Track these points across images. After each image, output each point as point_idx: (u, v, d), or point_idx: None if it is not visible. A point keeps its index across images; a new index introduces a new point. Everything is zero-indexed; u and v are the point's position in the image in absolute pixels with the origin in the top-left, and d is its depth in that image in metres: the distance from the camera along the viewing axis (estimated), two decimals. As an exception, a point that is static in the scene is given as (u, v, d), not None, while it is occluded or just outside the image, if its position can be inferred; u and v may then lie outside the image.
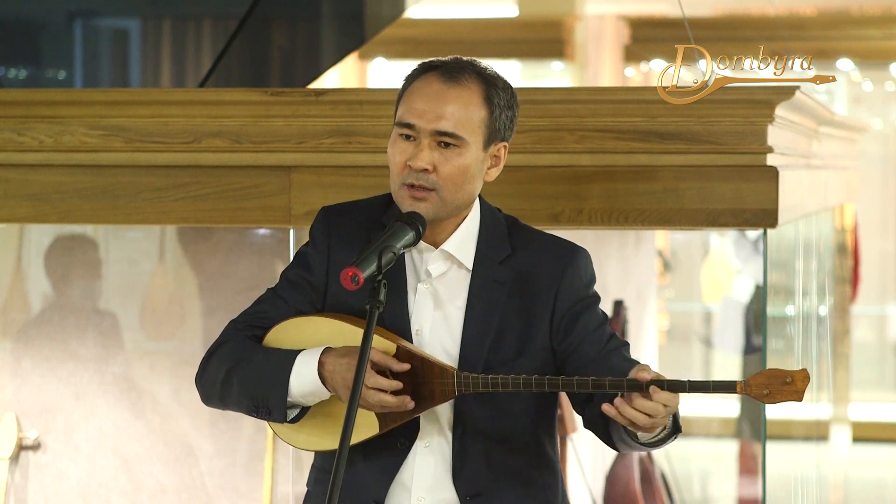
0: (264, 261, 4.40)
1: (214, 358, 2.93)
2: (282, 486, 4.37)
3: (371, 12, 6.40)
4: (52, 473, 4.47)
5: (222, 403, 2.94)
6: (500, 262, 2.90)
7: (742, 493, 7.83)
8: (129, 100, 3.84)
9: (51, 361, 4.48)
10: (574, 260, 2.92)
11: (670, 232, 9.94)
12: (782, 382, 2.62)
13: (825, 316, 6.36)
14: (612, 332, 2.93)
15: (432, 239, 2.90)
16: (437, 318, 2.89)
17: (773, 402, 2.62)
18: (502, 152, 2.91)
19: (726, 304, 8.73)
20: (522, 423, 2.91)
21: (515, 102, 2.92)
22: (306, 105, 3.72)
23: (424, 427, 2.88)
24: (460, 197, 2.85)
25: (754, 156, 3.59)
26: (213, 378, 2.92)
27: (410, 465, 2.89)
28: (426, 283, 2.90)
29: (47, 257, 4.50)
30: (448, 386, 2.80)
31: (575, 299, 2.90)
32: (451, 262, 2.91)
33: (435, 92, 2.84)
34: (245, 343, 2.93)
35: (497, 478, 2.88)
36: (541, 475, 2.94)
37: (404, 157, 2.83)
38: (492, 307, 2.88)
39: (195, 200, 3.79)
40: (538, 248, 2.93)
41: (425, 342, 2.88)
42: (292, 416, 2.88)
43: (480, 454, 2.88)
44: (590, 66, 10.84)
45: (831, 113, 5.05)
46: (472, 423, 2.87)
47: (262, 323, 2.95)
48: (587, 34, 10.81)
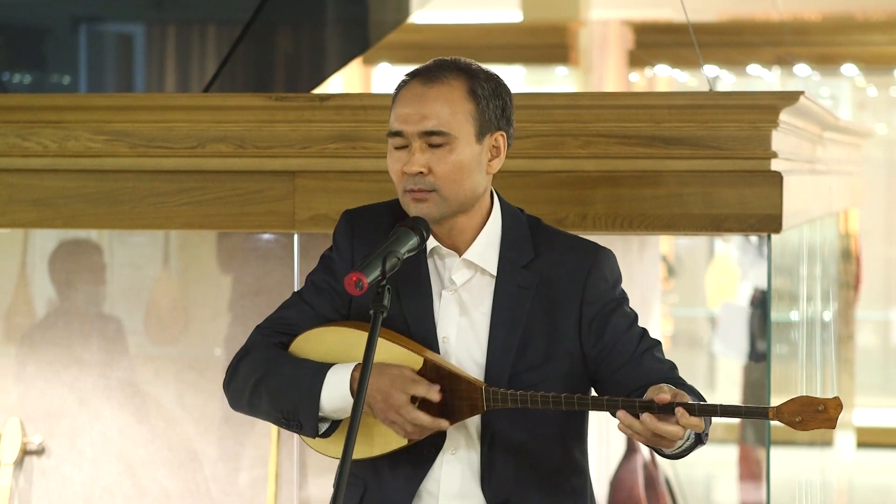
0: (268, 266, 4.40)
1: (242, 365, 2.93)
2: (286, 490, 4.37)
3: (375, 17, 6.40)
4: (56, 478, 4.48)
5: (251, 411, 2.95)
6: (524, 266, 2.88)
7: (746, 498, 7.82)
8: (133, 105, 3.84)
9: (55, 366, 4.48)
10: (597, 262, 2.89)
11: (674, 237, 9.93)
12: (815, 410, 2.61)
13: (829, 321, 6.36)
14: (643, 330, 2.90)
15: (454, 245, 2.89)
16: (463, 324, 2.88)
17: (806, 429, 2.61)
18: (500, 142, 2.88)
19: (726, 310, 8.72)
20: (551, 429, 2.89)
21: (504, 91, 2.89)
22: (310, 110, 3.73)
23: (451, 435, 2.87)
24: (463, 193, 2.84)
25: (758, 161, 3.59)
26: (241, 386, 2.92)
27: (437, 472, 2.88)
28: (451, 291, 2.89)
29: (52, 262, 4.51)
30: (476, 401, 2.79)
31: (602, 302, 2.88)
32: (474, 269, 2.89)
33: (417, 95, 2.83)
34: (273, 352, 2.92)
35: (525, 484, 2.87)
36: (569, 480, 2.92)
37: (400, 164, 2.83)
38: (517, 313, 2.86)
39: (199, 205, 3.80)
40: (561, 250, 2.91)
41: (452, 350, 2.88)
42: (324, 429, 2.88)
43: (509, 461, 2.87)
44: (594, 72, 10.84)
45: (835, 118, 5.04)
46: (500, 431, 2.86)
47: (288, 330, 2.95)
48: (592, 39, 10.81)
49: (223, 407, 4.41)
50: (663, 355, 2.90)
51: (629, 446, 5.74)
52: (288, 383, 2.86)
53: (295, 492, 4.36)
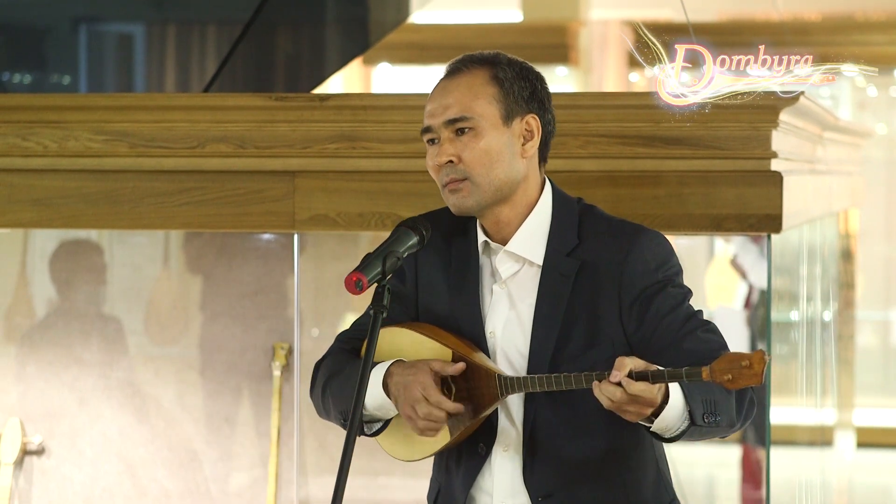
0: (268, 266, 4.40)
1: (318, 371, 2.99)
2: (286, 490, 4.37)
3: (375, 17, 6.40)
4: (56, 478, 4.48)
5: (326, 416, 2.99)
6: (568, 253, 2.87)
7: (746, 498, 7.82)
8: (133, 105, 3.84)
9: (55, 366, 4.48)
10: (636, 245, 2.85)
11: (675, 237, 9.92)
12: (741, 366, 2.60)
13: (829, 321, 6.36)
14: (692, 312, 2.85)
15: (500, 237, 2.90)
16: (511, 318, 2.89)
17: (736, 386, 2.58)
18: (533, 124, 2.88)
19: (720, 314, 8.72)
20: (596, 421, 2.84)
21: (532, 75, 2.91)
22: (310, 110, 3.73)
23: (502, 431, 2.89)
24: (497, 178, 2.83)
25: (758, 161, 3.59)
26: (316, 392, 2.98)
27: (489, 470, 2.90)
28: (500, 285, 2.90)
29: (52, 262, 4.51)
30: (492, 389, 2.80)
31: (642, 286, 2.83)
32: (520, 261, 2.89)
33: (440, 89, 2.87)
34: (342, 356, 2.97)
35: (569, 477, 2.86)
36: (619, 472, 2.88)
37: (432, 160, 2.85)
38: (558, 301, 2.85)
39: (199, 205, 3.80)
40: (604, 236, 2.88)
41: (498, 343, 2.88)
42: (375, 428, 2.91)
43: (551, 454, 2.86)
44: (594, 72, 10.84)
45: (836, 118, 5.04)
46: (542, 424, 2.86)
47: (362, 335, 2.96)
48: (591, 39, 10.81)
49: (223, 407, 4.42)
50: (712, 335, 2.83)
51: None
52: (344, 384, 2.89)
53: (295, 492, 4.36)
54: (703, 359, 2.66)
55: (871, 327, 11.54)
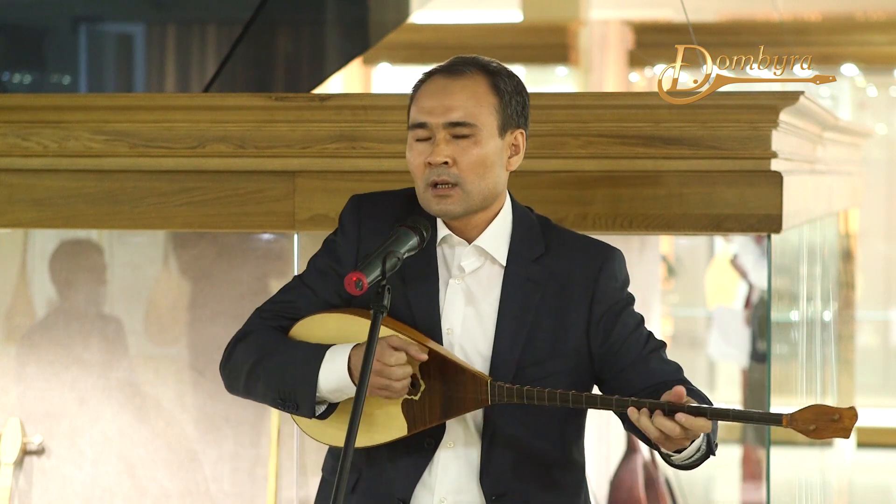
0: (268, 266, 4.40)
1: (240, 347, 2.93)
2: (286, 490, 4.37)
3: (375, 17, 6.40)
4: (57, 479, 4.48)
5: (246, 393, 2.94)
6: (534, 260, 2.89)
7: (746, 498, 7.82)
8: (133, 105, 3.84)
9: (55, 366, 4.48)
10: (609, 262, 2.91)
11: (675, 237, 9.93)
12: (829, 419, 2.61)
13: (829, 321, 6.36)
14: (649, 332, 2.93)
15: (465, 235, 2.89)
16: (469, 315, 2.88)
17: (820, 437, 2.61)
18: (520, 140, 2.90)
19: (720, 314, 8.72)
20: (551, 425, 2.90)
21: (524, 90, 2.92)
22: (311, 110, 3.73)
23: (450, 429, 2.88)
24: (485, 187, 2.84)
25: (758, 161, 3.59)
26: (238, 368, 2.92)
27: (435, 465, 2.89)
28: (458, 279, 2.89)
29: (52, 262, 4.51)
30: (481, 394, 2.79)
31: (612, 302, 2.90)
32: (484, 257, 2.90)
33: (441, 87, 2.85)
34: (272, 334, 2.92)
35: (523, 478, 2.88)
36: (564, 476, 2.93)
37: (423, 157, 2.83)
38: (526, 306, 2.86)
39: (199, 205, 3.80)
40: (572, 248, 2.92)
41: (456, 341, 2.87)
42: (320, 411, 2.87)
43: (508, 455, 2.87)
44: (594, 72, 10.84)
45: (835, 118, 5.04)
46: (501, 425, 2.87)
47: (289, 314, 2.95)
48: (592, 39, 10.81)
49: (223, 407, 4.41)
50: (667, 357, 2.91)
51: (629, 446, 5.74)
52: (286, 364, 2.86)
53: (295, 492, 4.36)
54: (669, 379, 2.81)
55: (871, 327, 11.54)
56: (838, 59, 10.28)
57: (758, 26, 10.75)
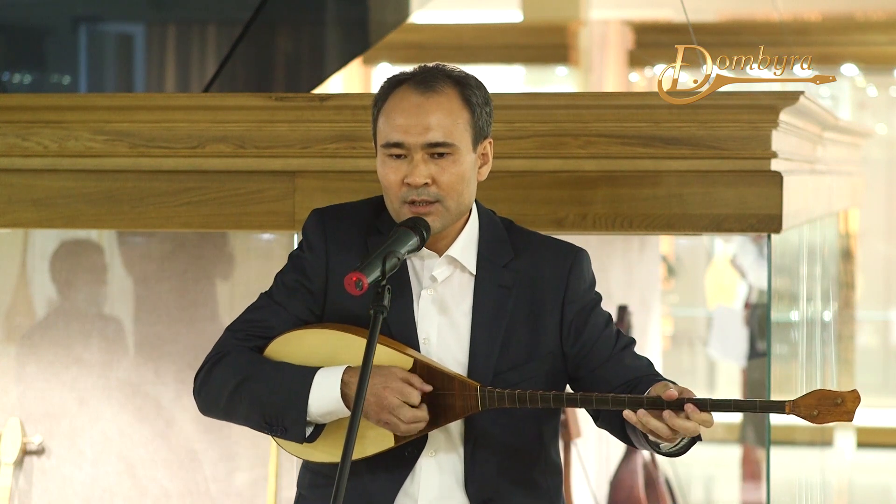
0: (269, 266, 4.40)
1: (218, 369, 2.88)
2: (285, 490, 4.37)
3: (375, 17, 6.40)
4: (57, 479, 4.48)
5: (226, 416, 2.90)
6: (504, 265, 2.89)
7: (746, 498, 7.82)
8: (133, 105, 3.84)
9: (55, 366, 4.48)
10: (577, 263, 2.93)
11: (674, 237, 9.93)
12: (832, 403, 2.62)
13: (829, 321, 6.36)
14: (618, 329, 2.95)
15: (435, 246, 2.89)
16: (444, 324, 2.88)
17: (823, 422, 2.62)
18: (488, 149, 2.90)
19: (720, 313, 8.72)
20: (531, 429, 2.91)
21: (489, 98, 2.91)
22: (311, 110, 3.73)
23: (431, 437, 2.87)
24: (463, 203, 2.85)
25: (758, 161, 3.59)
26: (217, 391, 2.88)
27: (417, 475, 2.87)
28: (430, 290, 2.88)
29: (52, 262, 4.51)
30: (471, 401, 2.78)
31: (583, 302, 2.91)
32: (454, 266, 2.90)
33: (415, 105, 2.81)
34: (250, 355, 2.89)
35: (506, 483, 2.88)
36: (545, 479, 2.94)
37: (399, 175, 2.81)
38: (499, 312, 2.87)
39: (199, 205, 3.80)
40: (540, 251, 2.93)
41: (433, 350, 2.87)
42: (308, 433, 2.85)
43: (491, 461, 2.87)
44: (594, 72, 10.84)
45: (835, 118, 5.04)
46: (483, 432, 2.86)
47: (262, 332, 2.91)
48: (592, 39, 10.81)
49: (223, 407, 4.41)
50: (637, 353, 2.94)
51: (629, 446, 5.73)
52: (272, 388, 2.82)
53: (294, 492, 4.36)
54: (644, 374, 2.84)
55: (871, 327, 11.54)
56: (838, 59, 10.29)
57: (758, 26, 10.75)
